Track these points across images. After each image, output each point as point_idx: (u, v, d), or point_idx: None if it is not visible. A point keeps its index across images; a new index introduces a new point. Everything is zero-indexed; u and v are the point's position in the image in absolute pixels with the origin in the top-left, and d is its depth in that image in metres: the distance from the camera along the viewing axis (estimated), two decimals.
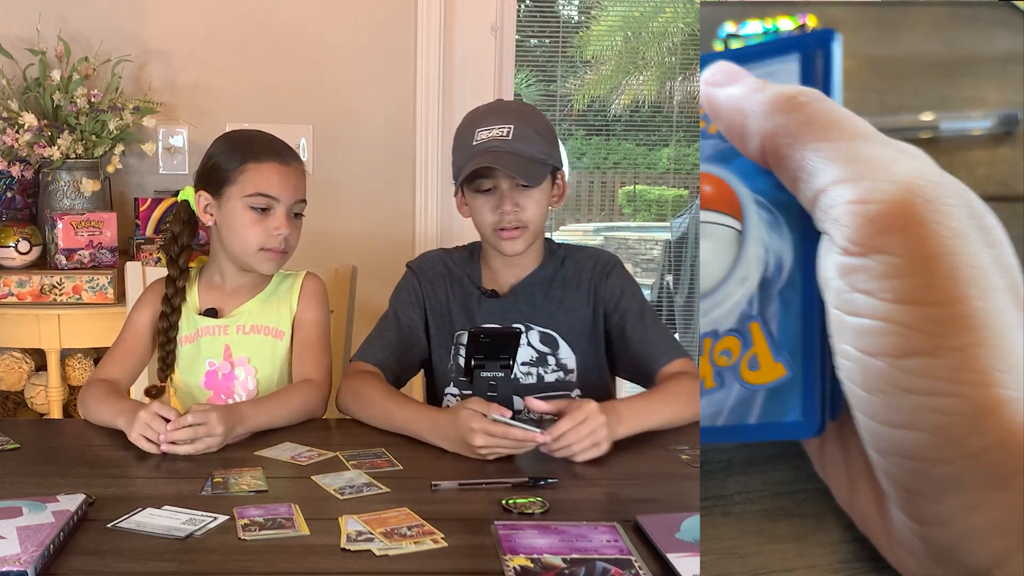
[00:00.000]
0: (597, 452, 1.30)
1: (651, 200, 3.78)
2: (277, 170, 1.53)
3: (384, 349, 1.60)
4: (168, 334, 1.58)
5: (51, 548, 0.97)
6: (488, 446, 1.29)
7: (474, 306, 1.62)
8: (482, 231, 1.60)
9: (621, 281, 1.62)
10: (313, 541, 1.03)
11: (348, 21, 2.55)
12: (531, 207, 1.54)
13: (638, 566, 0.96)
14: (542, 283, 1.63)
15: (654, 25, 3.56)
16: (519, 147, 1.51)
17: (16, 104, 2.28)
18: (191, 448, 1.31)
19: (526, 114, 1.57)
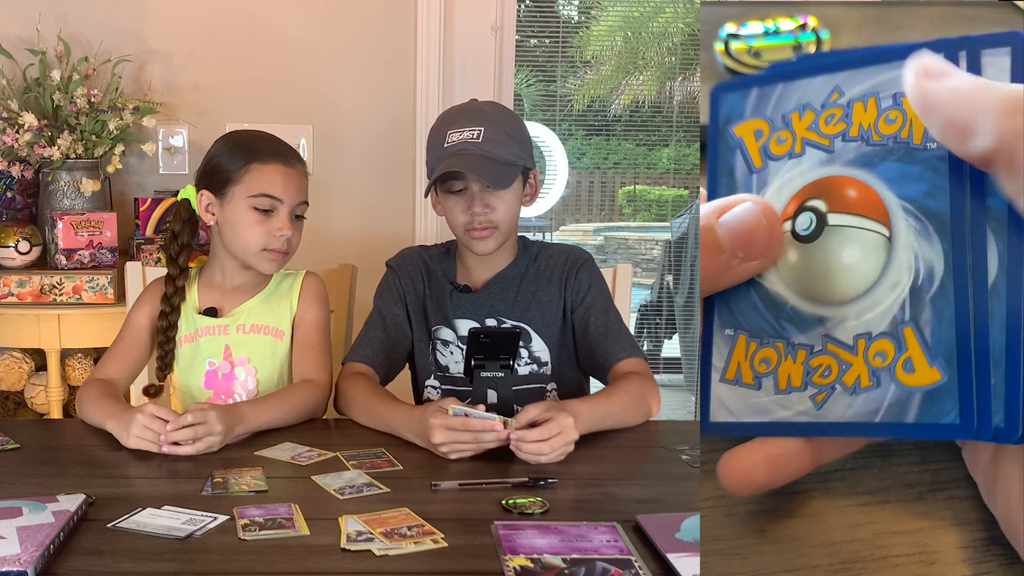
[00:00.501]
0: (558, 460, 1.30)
1: (651, 200, 3.78)
2: (281, 171, 1.53)
3: (372, 347, 1.62)
4: (168, 333, 1.58)
5: (51, 548, 0.96)
6: (448, 442, 1.30)
7: (447, 301, 1.65)
8: (454, 230, 1.63)
9: (590, 277, 1.65)
10: (313, 541, 1.03)
11: (348, 21, 2.55)
12: (501, 208, 1.56)
13: (638, 566, 0.96)
14: (515, 278, 1.66)
15: (654, 25, 3.55)
16: (489, 150, 1.53)
17: (16, 104, 2.28)
18: (192, 448, 1.31)
19: (497, 116, 1.58)
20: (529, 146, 1.62)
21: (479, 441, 1.29)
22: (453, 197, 1.58)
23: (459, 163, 1.52)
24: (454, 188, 1.57)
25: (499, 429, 1.28)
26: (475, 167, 1.52)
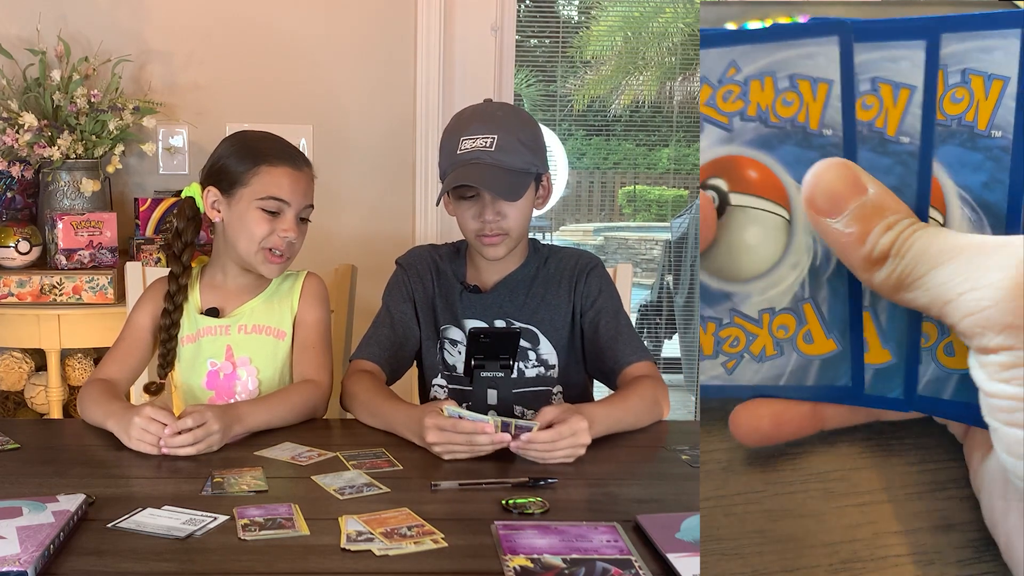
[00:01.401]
0: (566, 460, 1.31)
1: (651, 200, 3.78)
2: (289, 174, 1.54)
3: (380, 345, 1.62)
4: (170, 331, 1.58)
5: (51, 548, 0.97)
6: (441, 442, 1.30)
7: (457, 301, 1.65)
8: (466, 235, 1.63)
9: (599, 281, 1.66)
10: (313, 541, 1.03)
11: (348, 21, 2.55)
12: (513, 214, 1.57)
13: (638, 566, 0.96)
14: (524, 280, 1.66)
15: (654, 25, 3.55)
16: (502, 159, 1.53)
17: (16, 104, 2.28)
18: (191, 449, 1.31)
19: (511, 123, 1.57)
20: (543, 151, 1.62)
21: (472, 444, 1.29)
22: (465, 203, 1.58)
23: (471, 174, 1.52)
24: (466, 195, 1.57)
25: (490, 431, 1.28)
26: (487, 179, 1.52)
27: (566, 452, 1.30)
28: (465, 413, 1.29)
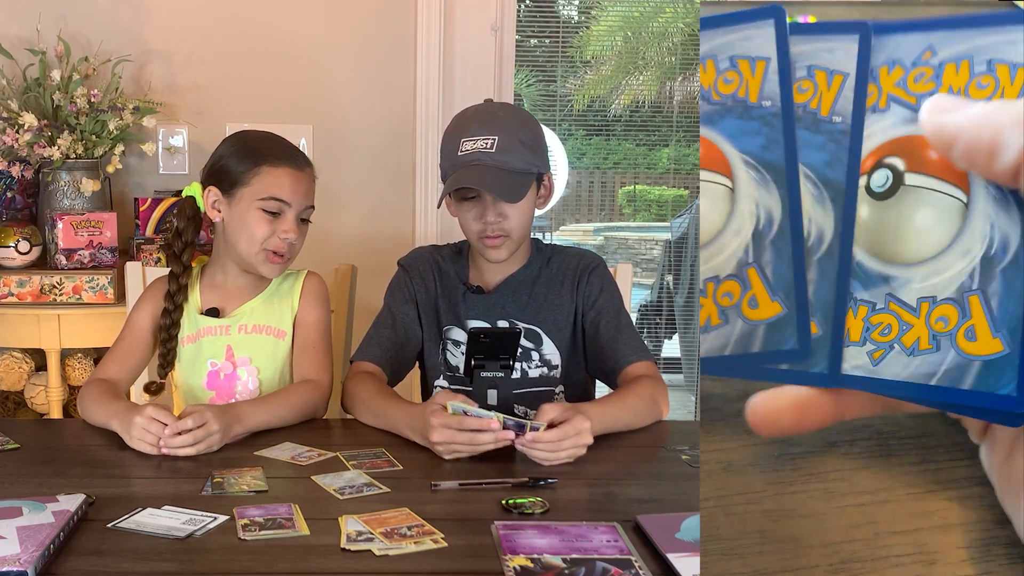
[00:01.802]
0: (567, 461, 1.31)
1: (651, 200, 3.78)
2: (290, 175, 1.54)
3: (381, 346, 1.62)
4: (170, 331, 1.58)
5: (51, 548, 0.97)
6: (445, 441, 1.30)
7: (460, 301, 1.65)
8: (468, 236, 1.63)
9: (601, 281, 1.66)
10: (313, 541, 1.03)
11: (348, 21, 2.55)
12: (514, 216, 1.57)
13: (638, 566, 0.96)
14: (527, 281, 1.66)
15: (654, 25, 3.55)
16: (503, 160, 1.52)
17: (16, 104, 2.28)
18: (191, 449, 1.31)
19: (511, 123, 1.57)
20: (544, 151, 1.61)
21: (474, 443, 1.29)
22: (467, 204, 1.58)
23: (472, 176, 1.52)
24: (467, 196, 1.57)
25: (495, 427, 1.28)
26: (488, 181, 1.52)
27: (569, 452, 1.30)
28: (470, 409, 1.29)
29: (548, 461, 1.29)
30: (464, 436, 1.29)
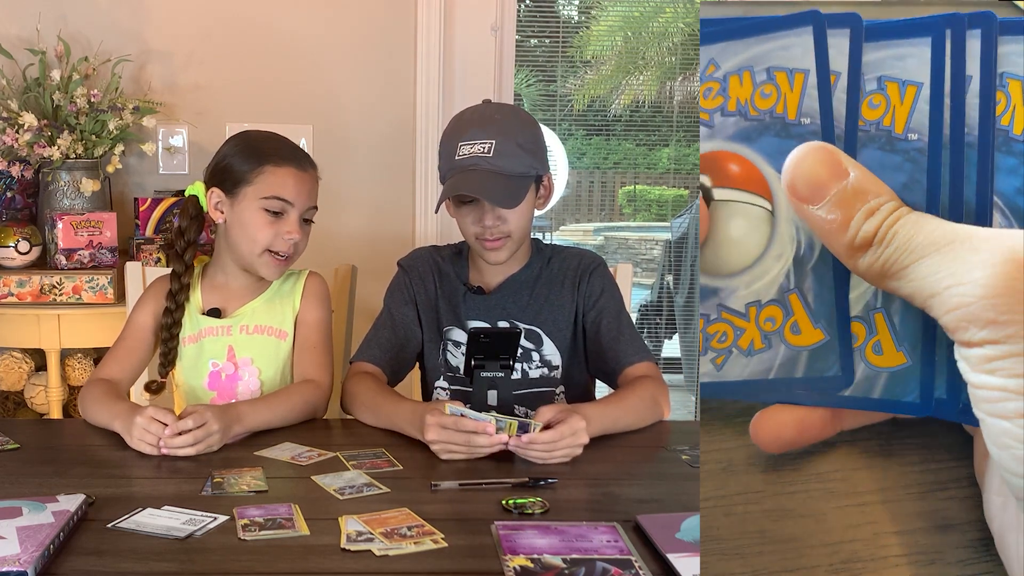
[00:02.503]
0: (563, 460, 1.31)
1: (651, 200, 3.78)
2: (294, 175, 1.53)
3: (380, 347, 1.62)
4: (172, 330, 1.58)
5: (51, 548, 0.97)
6: (440, 440, 1.30)
7: (460, 302, 1.64)
8: (467, 239, 1.63)
9: (602, 281, 1.66)
10: (313, 541, 1.03)
11: (348, 21, 2.55)
12: (513, 218, 1.56)
13: (638, 566, 0.96)
14: (528, 281, 1.66)
15: (654, 25, 3.55)
16: (500, 164, 1.52)
17: (16, 104, 2.28)
18: (191, 450, 1.31)
19: (509, 126, 1.56)
20: (543, 152, 1.61)
21: (471, 445, 1.29)
22: (465, 208, 1.58)
23: (470, 181, 1.52)
24: (465, 199, 1.57)
25: (491, 431, 1.28)
26: (486, 187, 1.51)
27: (564, 452, 1.30)
28: (468, 412, 1.29)
29: (544, 461, 1.30)
30: (460, 437, 1.29)
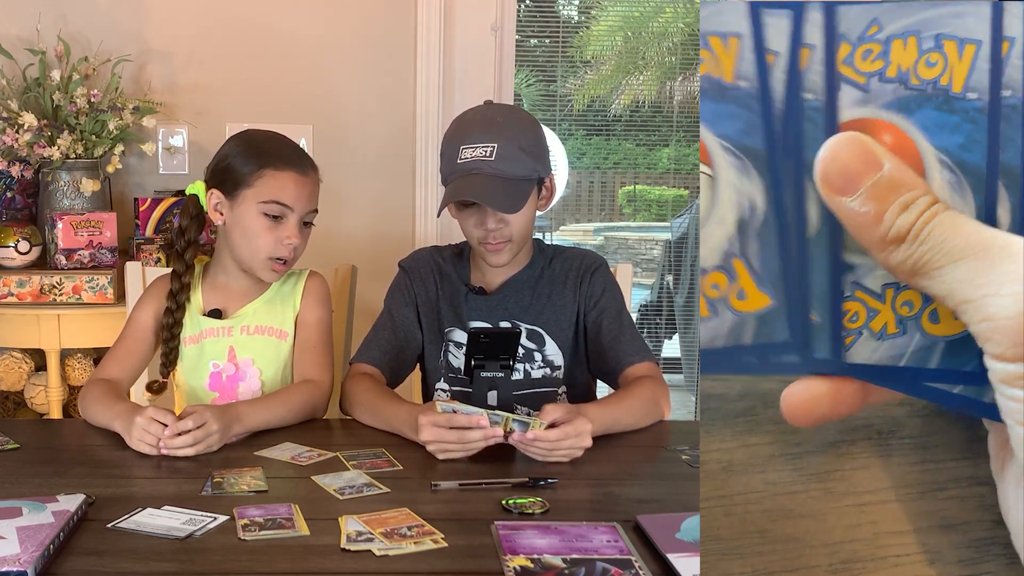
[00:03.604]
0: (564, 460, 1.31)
1: (651, 200, 3.78)
2: (294, 179, 1.53)
3: (380, 348, 1.62)
4: (173, 330, 1.57)
5: (51, 548, 0.97)
6: (434, 440, 1.30)
7: (462, 303, 1.64)
8: (469, 241, 1.63)
9: (604, 281, 1.66)
10: (313, 541, 1.03)
11: (348, 21, 2.55)
12: (515, 222, 1.56)
13: (638, 566, 0.96)
14: (530, 281, 1.66)
15: (654, 25, 3.56)
16: (502, 168, 1.52)
17: (16, 104, 2.28)
18: (191, 450, 1.31)
19: (512, 129, 1.55)
20: (545, 154, 1.60)
21: (464, 441, 1.29)
22: (467, 211, 1.58)
23: (472, 185, 1.52)
24: (467, 202, 1.56)
25: (484, 425, 1.27)
26: (488, 192, 1.51)
27: (565, 452, 1.30)
28: (459, 407, 1.29)
29: (544, 459, 1.30)
30: (453, 434, 1.29)
